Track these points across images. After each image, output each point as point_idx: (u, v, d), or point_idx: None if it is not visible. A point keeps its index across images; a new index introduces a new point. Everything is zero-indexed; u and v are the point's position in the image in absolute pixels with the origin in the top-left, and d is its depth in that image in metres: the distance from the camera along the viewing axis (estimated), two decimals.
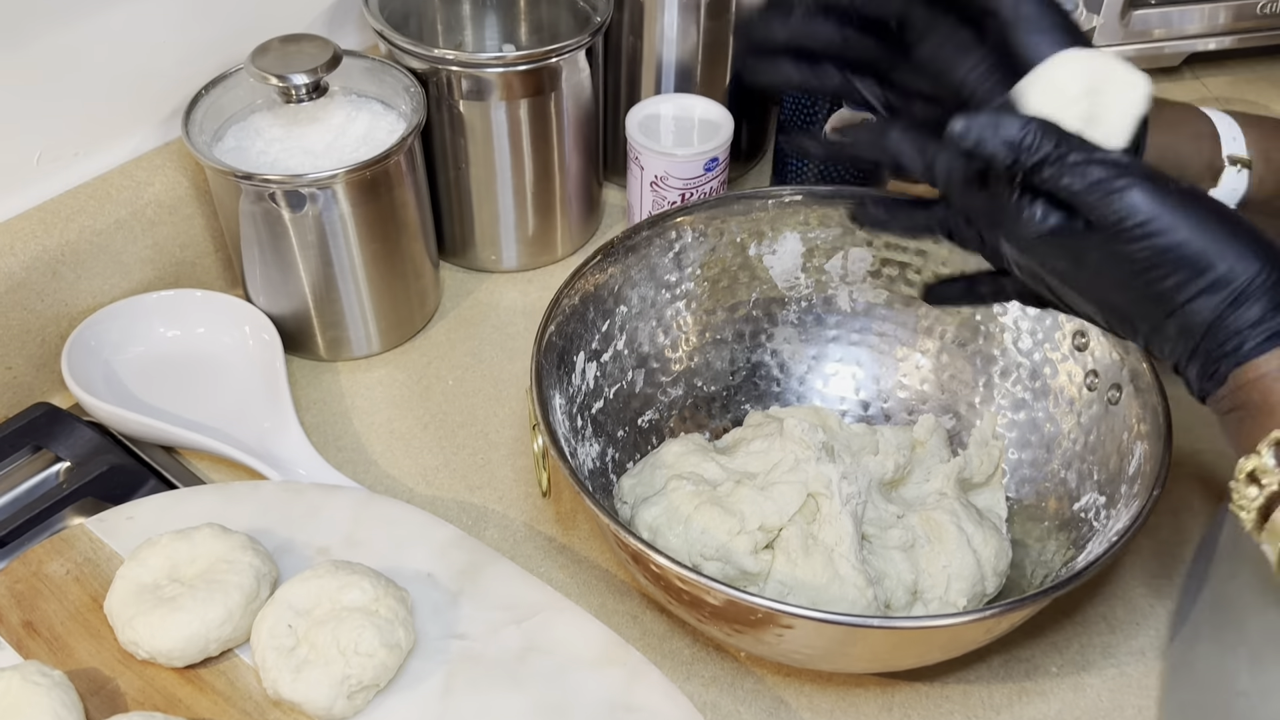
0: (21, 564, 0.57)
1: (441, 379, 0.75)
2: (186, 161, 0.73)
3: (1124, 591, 0.63)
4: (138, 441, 0.68)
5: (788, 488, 0.57)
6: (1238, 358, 0.41)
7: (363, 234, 0.70)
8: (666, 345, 0.70)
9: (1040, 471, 0.64)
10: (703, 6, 0.78)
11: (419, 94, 0.71)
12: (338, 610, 0.51)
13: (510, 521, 0.66)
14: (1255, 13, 0.99)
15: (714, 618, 0.53)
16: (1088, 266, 0.43)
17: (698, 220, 0.68)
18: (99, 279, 0.71)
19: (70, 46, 0.67)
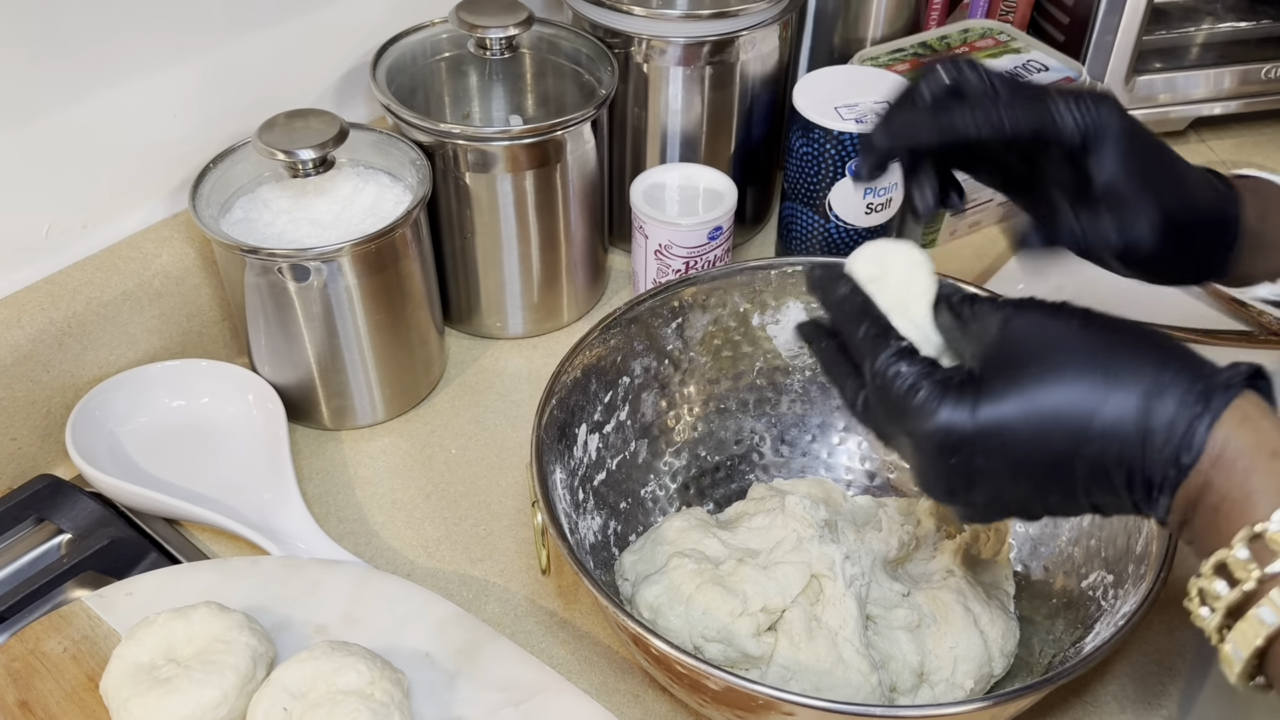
0: (19, 641, 0.57)
1: (445, 448, 0.75)
2: (194, 233, 0.74)
3: (1135, 670, 0.62)
4: (140, 513, 0.68)
5: (791, 568, 0.57)
6: (1207, 422, 0.38)
7: (368, 304, 0.70)
8: (669, 415, 0.69)
9: (1048, 547, 0.64)
10: (706, 78, 0.79)
11: (425, 166, 0.72)
12: (333, 693, 0.51)
13: (511, 595, 0.65)
14: (1260, 77, 0.99)
15: (716, 702, 0.52)
16: (1001, 431, 0.41)
17: (700, 291, 0.68)
18: (105, 350, 0.71)
19: (80, 121, 0.68)
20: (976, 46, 0.90)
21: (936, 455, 0.42)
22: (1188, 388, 0.39)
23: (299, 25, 0.76)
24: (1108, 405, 0.39)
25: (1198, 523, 0.39)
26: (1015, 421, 0.40)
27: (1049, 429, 0.40)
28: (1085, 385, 0.39)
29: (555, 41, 0.81)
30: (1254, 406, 0.39)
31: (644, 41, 0.78)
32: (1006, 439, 0.40)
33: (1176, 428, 0.39)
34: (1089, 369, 0.40)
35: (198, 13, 0.70)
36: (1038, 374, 0.40)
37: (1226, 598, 0.37)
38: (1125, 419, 0.39)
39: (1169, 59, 0.99)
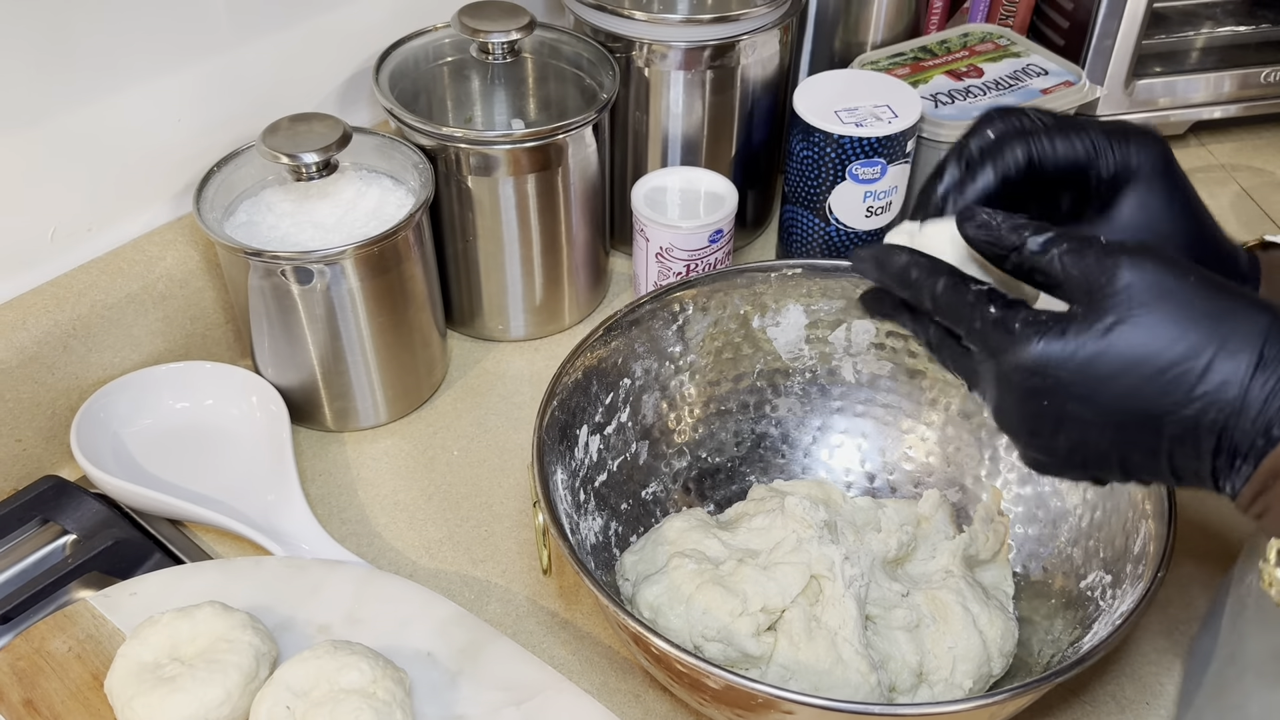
0: (24, 640, 0.57)
1: (447, 449, 0.75)
2: (198, 236, 0.74)
3: (1133, 669, 0.62)
4: (144, 514, 0.69)
5: (790, 568, 0.57)
6: (1269, 444, 0.38)
7: (371, 307, 0.71)
8: (670, 417, 0.70)
9: (1047, 548, 0.64)
10: (707, 83, 0.79)
11: (427, 170, 0.72)
12: (335, 692, 0.51)
13: (513, 596, 0.66)
14: (1260, 81, 1.00)
15: (715, 701, 0.52)
16: (1091, 371, 0.40)
17: (700, 294, 0.68)
18: (109, 352, 0.72)
19: (85, 125, 0.68)
20: (976, 50, 0.90)
21: (1028, 393, 0.41)
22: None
23: (303, 30, 0.77)
24: (1216, 367, 0.38)
25: (1275, 490, 0.39)
26: (1117, 365, 0.39)
27: (1151, 380, 0.39)
28: (1196, 342, 0.38)
29: (557, 46, 0.81)
30: None
31: (645, 46, 0.78)
32: (1105, 382, 0.39)
33: (1274, 399, 0.38)
34: (1202, 326, 0.39)
35: (202, 18, 0.71)
36: (1148, 321, 0.39)
37: None
38: (1231, 383, 0.38)
39: (1168, 63, 0.99)
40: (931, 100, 0.84)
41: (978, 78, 0.87)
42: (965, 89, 0.85)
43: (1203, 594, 0.65)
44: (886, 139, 0.76)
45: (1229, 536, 0.69)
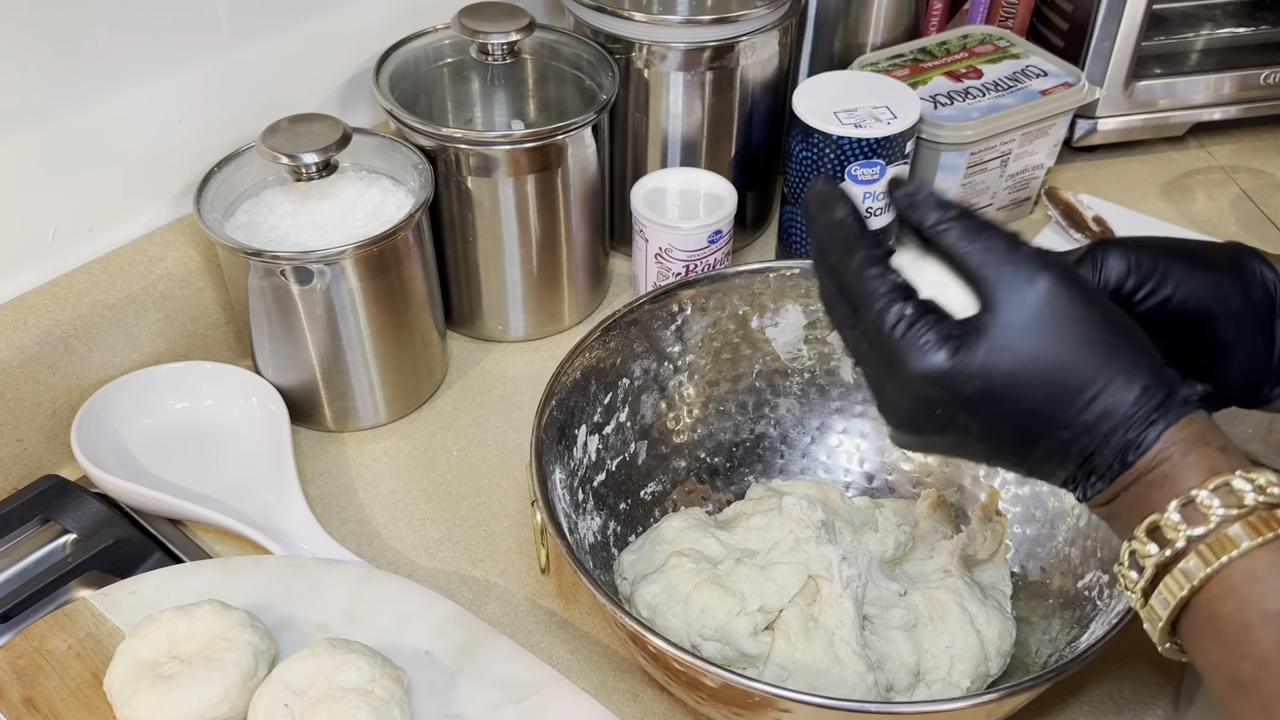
0: (24, 639, 0.57)
1: (446, 449, 0.75)
2: (198, 236, 0.75)
3: (1131, 669, 0.62)
4: (144, 513, 0.69)
5: (788, 568, 0.57)
6: (1163, 426, 0.40)
7: (370, 307, 0.71)
8: (669, 417, 0.70)
9: (1044, 548, 0.64)
10: (707, 84, 0.80)
11: (427, 170, 0.72)
12: (334, 690, 0.51)
13: (512, 595, 0.66)
14: (1259, 83, 1.00)
15: (712, 699, 0.52)
16: (993, 381, 0.41)
17: (699, 294, 0.69)
18: (110, 352, 0.72)
19: (86, 125, 0.69)
20: (976, 52, 0.90)
21: (923, 400, 0.42)
22: (1156, 391, 0.41)
23: (303, 31, 0.77)
24: (1101, 399, 0.41)
25: (1125, 498, 0.42)
26: (1012, 385, 0.41)
27: (1042, 404, 0.41)
28: (1091, 373, 0.41)
29: (557, 47, 0.81)
30: (1205, 423, 0.41)
31: (645, 47, 0.78)
32: (997, 400, 0.41)
33: (1133, 430, 0.41)
34: (1098, 359, 0.41)
35: (202, 19, 0.71)
36: (1049, 346, 0.41)
37: (1155, 557, 0.40)
38: (1110, 416, 0.41)
39: (1168, 64, 0.99)
40: (931, 102, 0.84)
41: (977, 79, 0.87)
42: (964, 90, 0.86)
43: None
44: (885, 140, 0.76)
45: None
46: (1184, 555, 0.39)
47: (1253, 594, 0.38)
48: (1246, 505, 0.38)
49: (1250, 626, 0.37)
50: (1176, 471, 0.40)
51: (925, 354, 0.41)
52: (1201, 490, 0.39)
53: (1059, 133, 0.89)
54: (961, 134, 0.82)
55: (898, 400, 0.43)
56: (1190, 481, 0.40)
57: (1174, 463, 0.40)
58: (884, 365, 0.43)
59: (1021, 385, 0.41)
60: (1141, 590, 0.40)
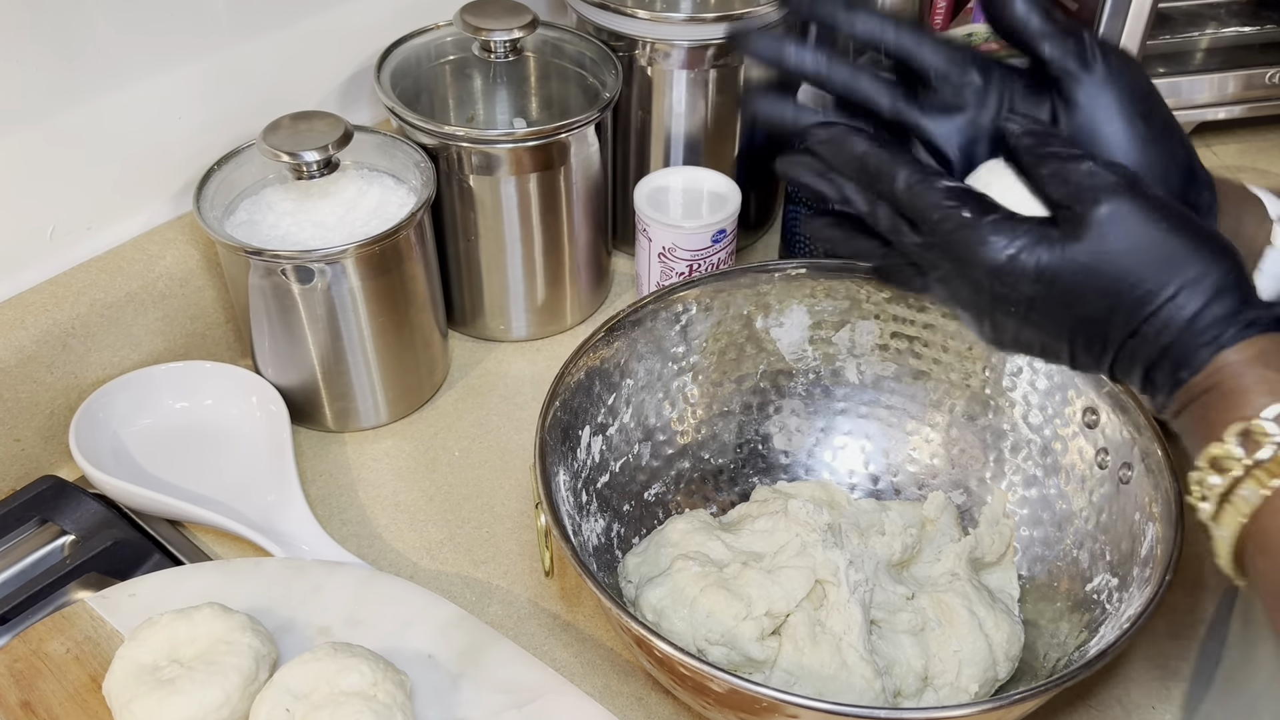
0: (21, 642, 0.57)
1: (448, 450, 0.75)
2: (198, 234, 0.74)
3: (1139, 674, 0.62)
4: (143, 514, 0.68)
5: (795, 572, 0.57)
6: (1216, 347, 0.41)
7: (372, 307, 0.70)
8: (673, 418, 0.69)
9: (1052, 550, 0.63)
10: (710, 81, 0.79)
11: (429, 169, 0.72)
12: (335, 695, 0.51)
13: (514, 598, 0.65)
14: (1265, 82, 0.99)
15: (719, 704, 0.52)
16: (1058, 283, 0.42)
17: (703, 294, 0.68)
18: (109, 351, 0.71)
19: (85, 123, 0.68)
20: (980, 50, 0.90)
21: (995, 297, 0.43)
22: (1215, 313, 0.41)
23: (304, 28, 0.77)
24: (1177, 300, 0.41)
25: (1188, 416, 0.42)
26: (1085, 287, 0.42)
27: (1116, 306, 0.42)
28: (1162, 278, 0.42)
29: (559, 44, 0.81)
30: (1261, 350, 0.41)
31: (648, 45, 0.78)
32: (1071, 300, 0.42)
33: (1188, 345, 0.41)
34: (1171, 263, 0.42)
35: (202, 15, 0.71)
36: (1121, 251, 0.42)
37: (1218, 487, 0.40)
38: (1184, 312, 0.41)
39: (1173, 64, 0.99)
40: None
41: None
42: None
43: (1210, 597, 0.65)
44: None
45: None
46: (1242, 482, 0.39)
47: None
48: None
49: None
50: (1235, 394, 0.40)
51: (995, 245, 0.43)
52: (1260, 418, 0.39)
53: None
54: None
55: (974, 298, 0.44)
56: (1248, 408, 0.40)
57: (1231, 385, 0.41)
58: (956, 266, 0.44)
59: (1086, 291, 0.42)
60: (1219, 495, 0.41)
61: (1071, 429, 0.64)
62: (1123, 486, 0.60)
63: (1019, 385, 0.66)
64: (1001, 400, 0.67)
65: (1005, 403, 0.67)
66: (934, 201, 0.44)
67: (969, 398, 0.68)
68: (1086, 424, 0.63)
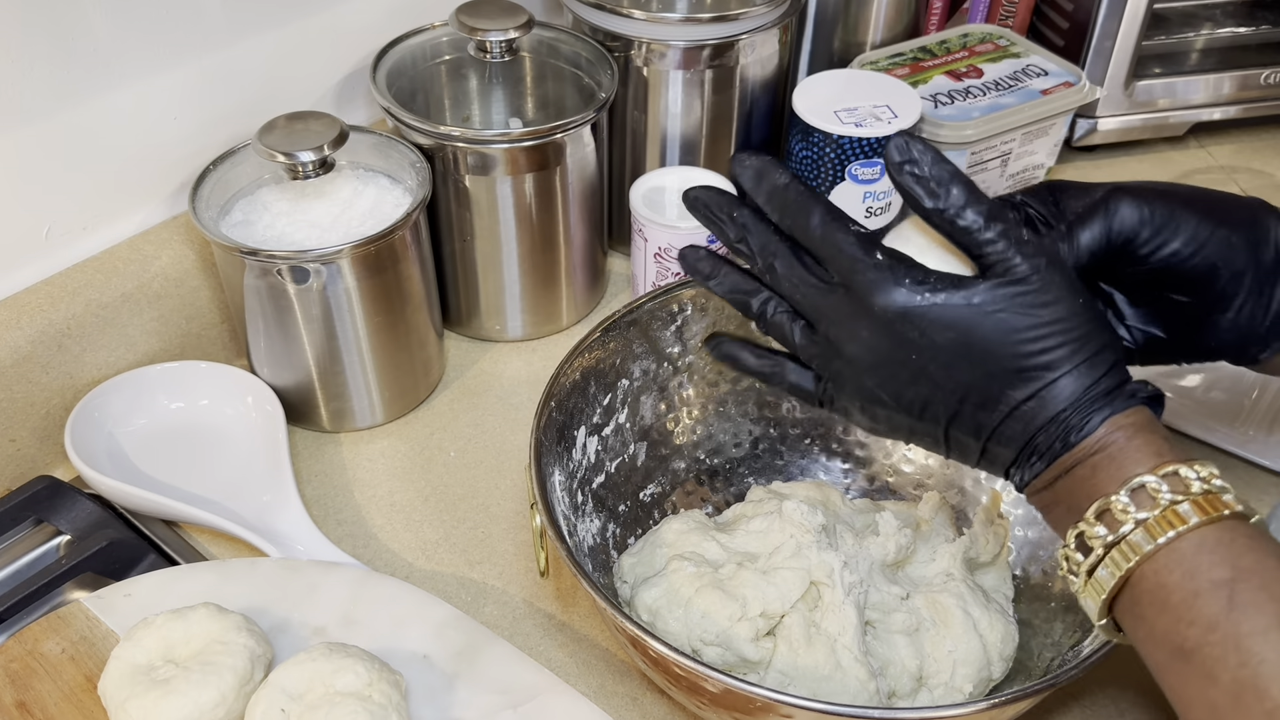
0: (17, 642, 0.57)
1: (444, 450, 0.75)
2: (193, 235, 0.74)
3: (1132, 674, 0.62)
4: (138, 515, 0.68)
5: (790, 574, 0.57)
6: (1108, 413, 0.42)
7: (367, 307, 0.70)
8: (669, 418, 0.69)
9: (1046, 551, 0.64)
10: (706, 82, 0.79)
11: (425, 169, 0.72)
12: (331, 695, 0.51)
13: (510, 598, 0.65)
14: (1260, 83, 0.99)
15: (714, 704, 0.52)
16: (972, 333, 0.43)
17: (699, 294, 0.68)
18: (104, 351, 0.71)
19: (80, 123, 0.68)
20: (976, 51, 0.90)
21: (900, 340, 0.44)
22: (1113, 381, 0.43)
23: (299, 28, 0.77)
24: (1062, 381, 0.43)
25: (1067, 481, 0.43)
26: (991, 342, 0.43)
27: (1013, 371, 0.43)
28: (1062, 355, 0.43)
29: (555, 45, 0.81)
30: (1149, 416, 0.43)
31: (644, 45, 0.78)
32: (972, 354, 0.43)
33: (1079, 412, 0.42)
34: (1071, 343, 0.43)
35: (198, 15, 0.71)
36: (1034, 316, 0.43)
37: (1104, 538, 0.41)
38: (1062, 397, 0.43)
39: (1168, 64, 0.99)
40: (931, 101, 0.84)
41: (977, 78, 0.86)
42: (965, 89, 0.85)
43: None
44: (886, 139, 0.75)
45: None
46: (1132, 533, 0.41)
47: (1200, 563, 0.39)
48: (1194, 491, 0.40)
49: (1199, 594, 0.39)
50: (1123, 455, 0.42)
51: (909, 288, 0.43)
52: (1150, 476, 0.41)
53: (1059, 132, 0.89)
54: (962, 133, 0.82)
55: (874, 343, 0.44)
56: (1138, 467, 0.41)
57: (1120, 446, 0.42)
58: (858, 307, 0.44)
59: (994, 348, 0.43)
60: (1086, 570, 0.42)
61: None
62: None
63: None
64: None
65: None
66: (847, 242, 0.44)
67: None
68: None
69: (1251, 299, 0.48)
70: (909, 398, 0.45)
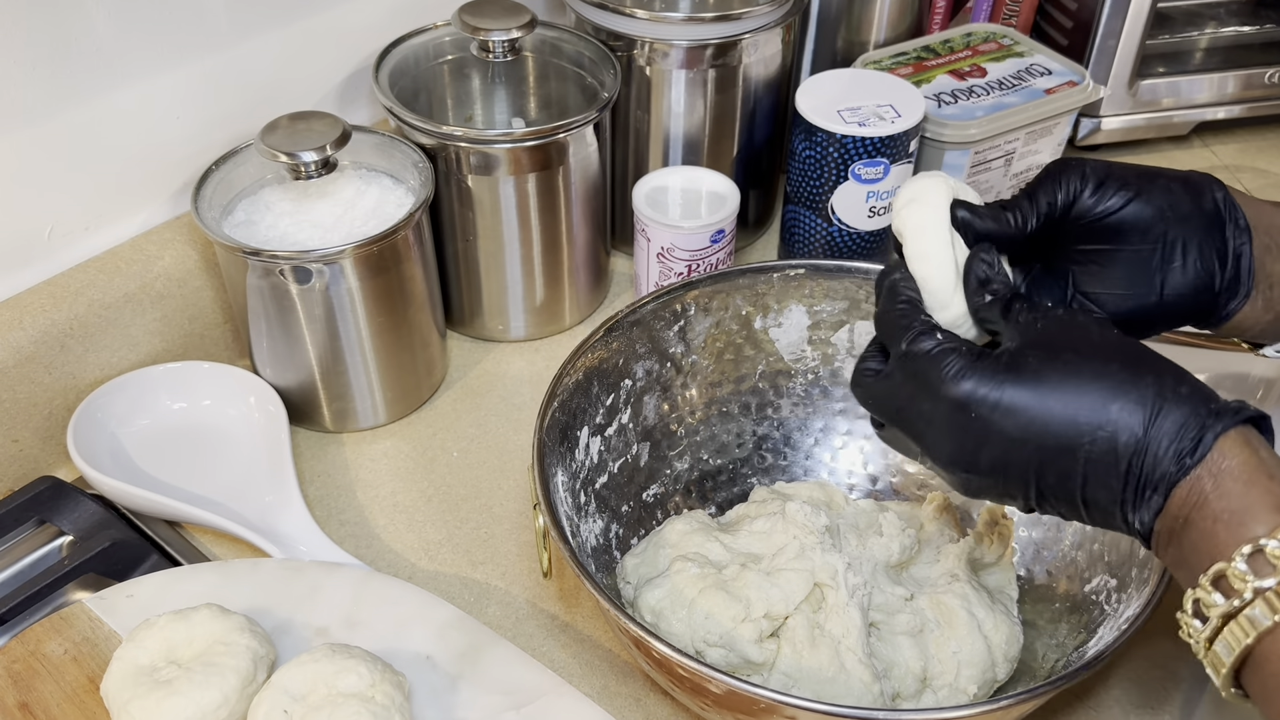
0: (19, 643, 0.57)
1: (446, 450, 0.75)
2: (196, 235, 0.74)
3: (1138, 674, 0.62)
4: (141, 515, 0.68)
5: (794, 575, 0.56)
6: (1200, 451, 0.41)
7: (370, 307, 0.70)
8: (672, 418, 0.69)
9: (1051, 551, 0.63)
10: (709, 81, 0.79)
11: (427, 169, 0.72)
12: (333, 696, 0.51)
13: (513, 599, 0.65)
14: (1264, 82, 0.99)
15: (717, 706, 0.52)
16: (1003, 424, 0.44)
17: (702, 294, 0.68)
18: (107, 352, 0.71)
19: (82, 123, 0.68)
20: (979, 50, 0.90)
21: (960, 427, 0.45)
22: (1200, 404, 0.42)
23: (301, 28, 0.76)
24: (1124, 400, 0.42)
25: (1190, 535, 0.41)
26: (1035, 400, 0.43)
27: (1064, 421, 0.43)
28: (1109, 381, 0.43)
29: (558, 44, 0.81)
30: (1256, 437, 0.41)
31: (647, 44, 0.78)
32: (1023, 411, 0.43)
33: (1186, 431, 0.41)
34: (1112, 368, 0.43)
35: (201, 15, 0.71)
36: (1066, 364, 0.44)
37: (1221, 607, 0.39)
38: (1136, 417, 0.42)
39: (1172, 63, 0.98)
40: (935, 100, 0.83)
41: (981, 77, 0.86)
42: (968, 89, 0.85)
43: None
44: (889, 139, 0.75)
45: None
46: (1251, 604, 0.39)
47: None
48: None
49: None
50: (1240, 505, 0.40)
51: (956, 375, 0.45)
52: (1271, 540, 0.38)
53: (1063, 131, 0.88)
54: (965, 133, 0.81)
55: (942, 430, 0.46)
56: (1256, 525, 0.39)
57: (1236, 492, 0.40)
58: (921, 392, 0.46)
59: (1045, 418, 0.43)
60: (1205, 639, 0.40)
61: None
62: None
63: None
64: None
65: None
66: (907, 325, 0.47)
67: None
68: None
69: (1198, 243, 0.50)
70: (984, 462, 0.45)
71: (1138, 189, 0.50)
